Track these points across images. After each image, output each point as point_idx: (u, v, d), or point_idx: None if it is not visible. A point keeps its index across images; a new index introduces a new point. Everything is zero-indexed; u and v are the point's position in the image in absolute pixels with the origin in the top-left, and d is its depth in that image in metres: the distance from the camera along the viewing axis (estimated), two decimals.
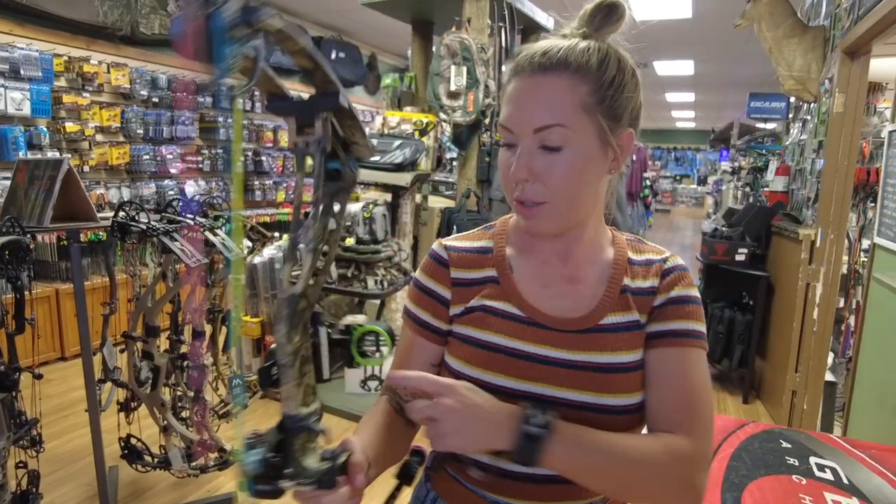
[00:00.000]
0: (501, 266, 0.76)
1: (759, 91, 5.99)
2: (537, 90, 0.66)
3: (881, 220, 1.99)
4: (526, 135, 0.66)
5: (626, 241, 0.79)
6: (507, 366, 0.70)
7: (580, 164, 0.66)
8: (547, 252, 0.75)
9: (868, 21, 2.28)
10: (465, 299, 0.75)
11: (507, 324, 0.72)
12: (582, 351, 0.70)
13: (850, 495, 1.20)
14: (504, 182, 0.70)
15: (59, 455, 2.58)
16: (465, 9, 3.33)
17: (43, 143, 3.75)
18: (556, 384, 0.69)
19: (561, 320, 0.71)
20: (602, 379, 0.69)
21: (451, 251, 0.79)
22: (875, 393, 2.00)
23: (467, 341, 0.73)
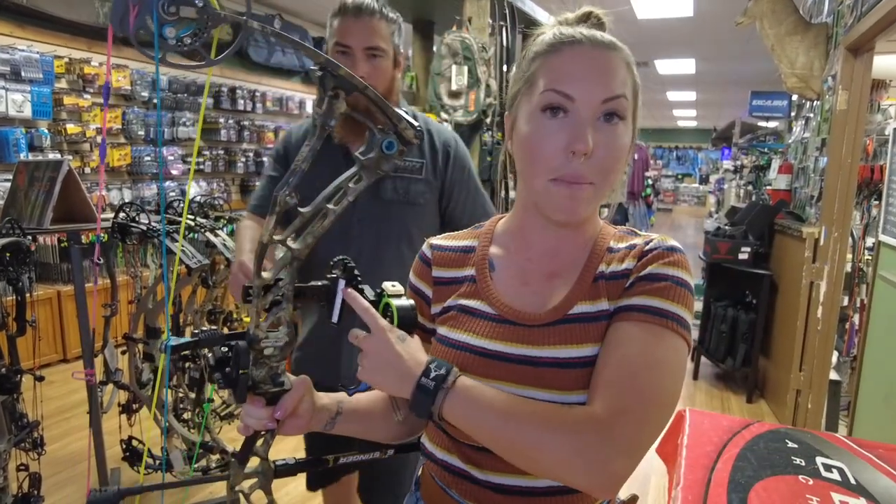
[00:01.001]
0: (481, 265, 0.75)
1: (760, 89, 5.97)
2: (606, 61, 0.64)
3: (886, 217, 1.97)
4: (591, 104, 0.63)
5: (614, 231, 0.75)
6: (477, 365, 0.69)
7: (626, 141, 0.65)
8: (536, 250, 0.73)
9: (871, 18, 2.27)
10: (444, 298, 0.77)
11: (478, 322, 0.72)
12: (547, 346, 0.66)
13: (857, 496, 1.19)
14: (540, 157, 0.64)
15: (61, 457, 2.58)
16: (466, 8, 3.32)
17: (44, 144, 3.75)
18: (520, 382, 0.66)
19: (531, 315, 0.69)
20: (564, 375, 0.65)
21: (435, 250, 0.80)
22: (881, 391, 1.99)
23: (442, 341, 0.74)
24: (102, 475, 2.06)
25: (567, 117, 0.63)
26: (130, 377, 2.16)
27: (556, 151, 0.63)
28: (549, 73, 0.65)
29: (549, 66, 0.65)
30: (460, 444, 0.71)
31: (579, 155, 0.61)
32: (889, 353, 1.93)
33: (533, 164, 0.65)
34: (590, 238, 0.73)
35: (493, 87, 3.30)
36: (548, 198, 0.65)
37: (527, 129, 0.65)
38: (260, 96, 5.47)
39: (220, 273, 2.21)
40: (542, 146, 0.64)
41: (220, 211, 2.48)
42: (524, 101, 0.67)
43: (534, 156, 0.65)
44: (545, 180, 0.64)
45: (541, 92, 0.64)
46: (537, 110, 0.64)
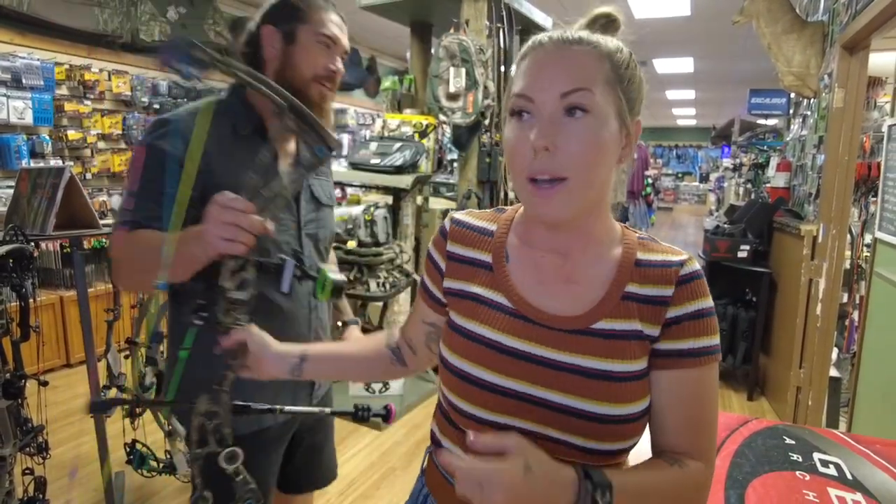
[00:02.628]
0: (498, 253, 0.75)
1: (759, 87, 5.97)
2: (563, 57, 0.65)
3: (882, 214, 1.98)
4: (550, 101, 0.64)
5: (636, 239, 0.73)
6: (493, 360, 0.69)
7: (603, 135, 0.64)
8: (548, 246, 0.72)
9: (866, 15, 2.28)
10: (457, 276, 0.77)
11: (495, 315, 0.71)
12: (570, 352, 0.67)
13: (853, 490, 1.20)
14: (514, 159, 0.66)
15: (66, 461, 2.59)
16: (464, 10, 3.34)
17: (45, 151, 3.77)
18: (539, 384, 0.67)
19: (550, 317, 0.69)
20: (586, 384, 0.66)
21: (455, 224, 0.80)
22: (879, 388, 1.99)
23: (458, 331, 0.74)
24: (107, 479, 2.07)
25: (531, 117, 0.65)
26: (133, 381, 2.17)
27: (524, 151, 0.64)
28: (517, 78, 0.68)
29: (518, 72, 0.68)
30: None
31: (539, 150, 0.63)
32: (887, 349, 1.94)
33: (511, 167, 0.68)
34: (605, 244, 0.72)
35: (491, 89, 3.31)
36: (525, 197, 0.67)
37: (504, 135, 0.69)
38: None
39: None
40: (513, 148, 0.66)
41: None
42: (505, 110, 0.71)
43: (510, 158, 0.68)
44: (522, 179, 0.66)
45: (510, 99, 0.68)
46: (508, 117, 0.68)
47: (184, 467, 2.12)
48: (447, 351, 0.74)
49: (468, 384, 0.70)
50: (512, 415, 0.67)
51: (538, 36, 0.69)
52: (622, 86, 0.66)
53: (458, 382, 0.71)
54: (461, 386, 0.71)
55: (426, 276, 0.83)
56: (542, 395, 0.67)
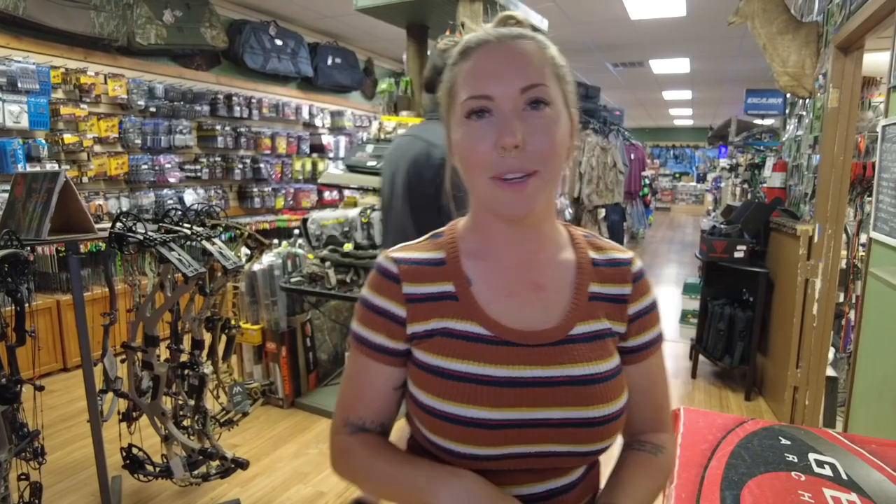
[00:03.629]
0: (459, 279, 0.69)
1: (755, 87, 5.98)
2: (516, 53, 0.64)
3: (877, 214, 1.99)
4: (510, 97, 0.62)
5: (584, 238, 0.76)
6: (485, 396, 0.64)
7: (561, 127, 0.65)
8: (508, 256, 0.70)
9: (860, 16, 2.29)
10: (423, 317, 0.69)
11: (472, 347, 0.66)
12: (556, 365, 0.67)
13: (849, 490, 1.20)
14: (476, 160, 0.64)
15: (62, 466, 2.59)
16: (460, 12, 3.34)
17: (41, 155, 3.77)
18: (534, 405, 0.65)
19: (530, 334, 0.67)
20: (580, 392, 0.66)
21: (401, 264, 0.71)
22: (875, 387, 2.00)
23: (431, 371, 0.67)
24: (103, 483, 2.07)
25: (492, 116, 0.63)
26: (129, 385, 2.17)
27: (488, 151, 0.63)
28: (465, 80, 0.65)
29: (464, 73, 0.65)
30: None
31: (509, 148, 0.61)
32: (882, 348, 1.94)
33: (471, 168, 0.65)
34: (559, 245, 0.74)
35: None
36: (493, 196, 0.64)
37: (458, 138, 0.66)
38: (256, 103, 5.49)
39: (218, 280, 2.22)
40: (474, 149, 0.64)
41: (217, 219, 2.49)
42: (451, 113, 0.67)
43: (469, 160, 0.65)
44: (486, 179, 0.64)
45: (462, 101, 0.65)
46: (463, 119, 0.65)
47: (180, 471, 2.12)
48: (425, 395, 0.67)
49: (459, 426, 0.64)
50: (512, 444, 0.65)
51: (474, 35, 0.67)
52: (562, 80, 0.67)
53: (446, 425, 0.65)
54: (450, 428, 0.65)
55: (374, 334, 0.70)
56: (541, 416, 0.65)
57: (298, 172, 6.09)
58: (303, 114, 6.12)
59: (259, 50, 5.33)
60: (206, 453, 2.13)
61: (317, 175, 6.24)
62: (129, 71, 4.40)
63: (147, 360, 2.07)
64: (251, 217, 5.51)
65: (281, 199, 5.87)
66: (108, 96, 4.23)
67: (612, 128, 8.19)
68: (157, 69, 4.63)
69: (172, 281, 2.09)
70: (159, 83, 4.60)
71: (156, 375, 2.06)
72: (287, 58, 5.63)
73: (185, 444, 2.14)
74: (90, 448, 2.09)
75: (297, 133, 6.04)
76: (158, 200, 4.63)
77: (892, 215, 1.82)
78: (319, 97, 6.34)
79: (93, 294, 3.78)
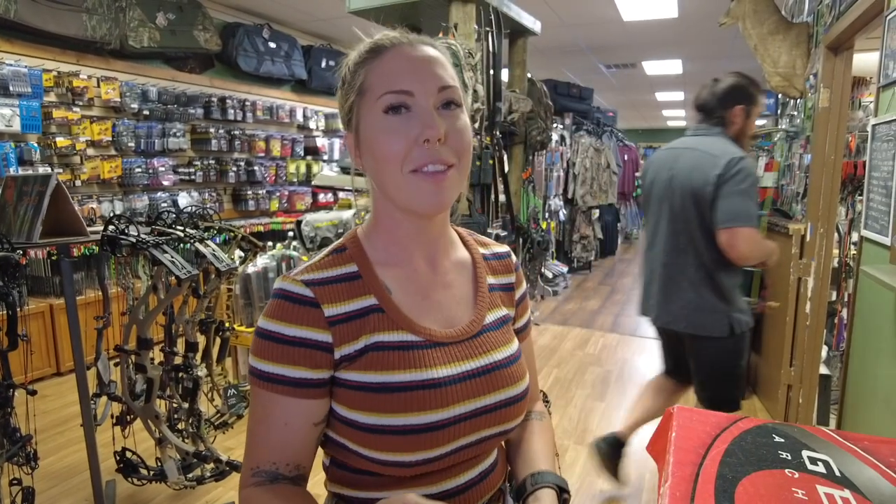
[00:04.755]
0: (379, 291, 0.69)
1: None
2: (432, 55, 0.67)
3: (868, 213, 2.00)
4: (429, 94, 0.65)
5: (468, 236, 0.83)
6: (429, 400, 0.65)
7: (469, 128, 0.69)
8: (416, 260, 0.72)
9: (849, 17, 2.31)
10: (352, 337, 0.66)
11: (409, 356, 0.67)
12: (482, 355, 0.72)
13: (842, 487, 1.20)
14: (395, 153, 0.64)
15: (55, 471, 2.57)
16: (452, 14, 3.35)
17: (34, 158, 3.75)
18: (474, 396, 0.69)
19: (456, 332, 0.71)
20: (503, 375, 0.72)
21: (315, 286, 0.66)
22: (867, 385, 2.01)
23: (370, 388, 0.65)
24: (97, 487, 2.05)
25: (411, 112, 0.64)
26: (123, 389, 2.16)
27: (409, 145, 0.64)
28: (381, 76, 0.66)
29: (379, 70, 0.66)
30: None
31: (433, 141, 0.63)
32: (874, 346, 1.95)
33: (388, 164, 0.65)
34: (454, 244, 0.79)
35: (481, 93, 3.32)
36: (412, 190, 0.65)
37: (374, 135, 0.65)
38: (250, 105, 5.48)
39: (211, 283, 2.21)
40: (392, 143, 0.64)
41: (211, 221, 2.48)
42: (363, 111, 0.67)
43: (387, 155, 0.64)
44: (405, 173, 0.64)
45: (378, 97, 0.65)
46: (379, 114, 0.65)
47: (174, 475, 2.11)
48: (365, 415, 0.65)
49: (410, 435, 0.64)
50: (458, 438, 0.67)
51: (386, 35, 0.69)
52: (463, 86, 0.76)
53: (394, 439, 0.64)
54: (399, 440, 0.64)
55: (291, 368, 0.64)
56: (481, 404, 0.69)
57: (293, 175, 6.09)
58: (297, 116, 6.12)
59: (253, 53, 5.33)
60: (201, 456, 2.12)
61: (311, 177, 6.23)
62: (122, 74, 4.39)
63: (141, 363, 2.07)
64: (245, 219, 5.50)
65: (275, 202, 5.86)
66: (101, 99, 4.21)
67: (606, 129, 8.23)
68: (150, 72, 4.62)
69: (166, 283, 2.09)
70: (153, 86, 4.59)
71: (150, 378, 2.05)
72: (281, 60, 5.63)
73: (179, 447, 2.14)
74: (84, 452, 2.07)
75: (291, 135, 6.04)
76: (152, 203, 4.62)
77: (883, 213, 1.83)
78: (313, 99, 6.34)
79: (86, 298, 3.77)
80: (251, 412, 0.68)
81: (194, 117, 4.96)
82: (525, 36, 4.35)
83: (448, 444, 0.67)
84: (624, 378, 3.87)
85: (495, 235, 3.55)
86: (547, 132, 4.61)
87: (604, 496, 2.46)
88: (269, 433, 0.66)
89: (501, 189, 4.09)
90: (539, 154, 5.67)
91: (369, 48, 0.68)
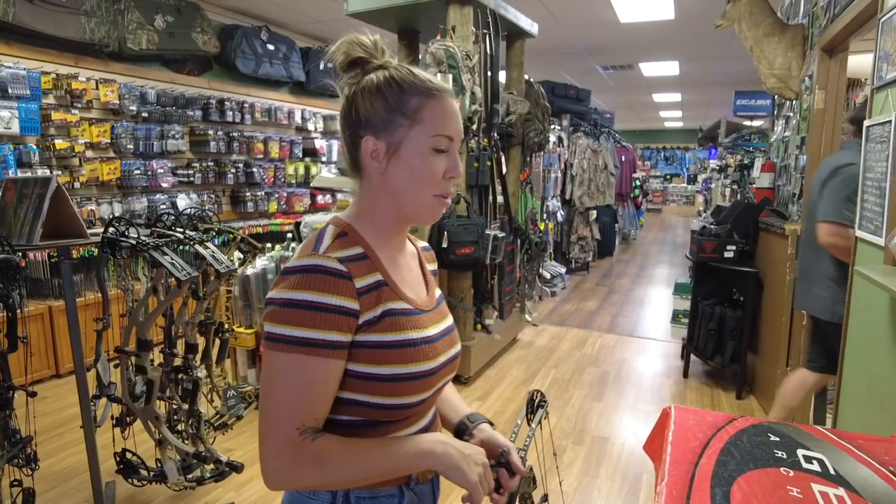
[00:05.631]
0: (382, 269, 0.84)
1: (744, 89, 6.05)
2: (458, 110, 0.86)
3: (862, 213, 2.02)
4: (458, 142, 0.85)
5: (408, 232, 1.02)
6: (429, 352, 0.85)
7: None
8: (394, 248, 0.90)
9: (843, 19, 2.33)
10: (372, 305, 0.80)
11: (412, 319, 0.85)
12: (443, 320, 0.93)
13: (836, 485, 1.22)
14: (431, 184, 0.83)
15: (55, 472, 2.58)
16: (450, 17, 3.36)
17: (33, 160, 3.75)
18: (448, 349, 0.90)
19: (425, 303, 0.91)
20: (455, 335, 0.95)
21: (346, 262, 0.77)
22: (862, 384, 2.02)
23: (390, 346, 0.80)
24: (97, 489, 2.06)
25: (447, 153, 0.84)
26: (123, 390, 2.17)
27: (440, 177, 0.83)
28: (438, 117, 0.82)
29: (436, 110, 0.82)
30: None
31: (456, 178, 0.85)
32: (868, 346, 1.97)
33: (424, 188, 0.83)
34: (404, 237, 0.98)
35: (478, 95, 3.34)
36: (430, 209, 0.85)
37: (420, 162, 0.82)
38: (248, 107, 5.49)
39: (211, 284, 2.22)
40: (434, 175, 0.83)
41: (210, 223, 2.49)
42: (412, 136, 0.81)
43: (426, 181, 0.82)
44: (431, 197, 0.84)
45: (432, 134, 0.81)
46: (428, 148, 0.82)
47: (174, 475, 2.11)
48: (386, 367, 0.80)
49: (418, 380, 0.82)
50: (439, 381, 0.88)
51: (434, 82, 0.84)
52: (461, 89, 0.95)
53: (407, 384, 0.81)
54: (410, 385, 0.82)
55: (328, 333, 0.74)
56: (449, 356, 0.90)
57: (291, 176, 6.09)
58: (295, 118, 6.13)
59: (251, 55, 5.34)
60: (201, 457, 2.13)
61: (310, 179, 6.24)
62: (121, 76, 4.39)
63: (140, 365, 2.07)
64: (244, 221, 5.50)
65: (274, 203, 5.86)
66: (100, 102, 4.21)
67: (603, 130, 8.25)
68: (148, 74, 4.63)
69: (166, 285, 2.09)
70: (151, 88, 4.59)
71: (149, 380, 2.06)
72: (279, 62, 5.64)
73: (179, 448, 2.14)
74: (83, 454, 2.08)
75: (289, 137, 6.05)
76: (151, 205, 4.62)
77: (877, 214, 1.85)
78: (312, 101, 6.35)
79: (85, 300, 3.77)
80: (278, 379, 0.74)
81: (193, 119, 4.96)
82: (522, 38, 4.37)
83: (434, 387, 0.87)
84: (622, 378, 3.89)
85: (493, 236, 3.56)
86: (544, 133, 4.62)
87: (601, 495, 2.48)
88: (311, 394, 0.75)
89: (499, 190, 4.10)
90: (537, 155, 5.68)
91: (428, 87, 0.82)
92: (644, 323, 5.33)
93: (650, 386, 3.76)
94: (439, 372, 0.87)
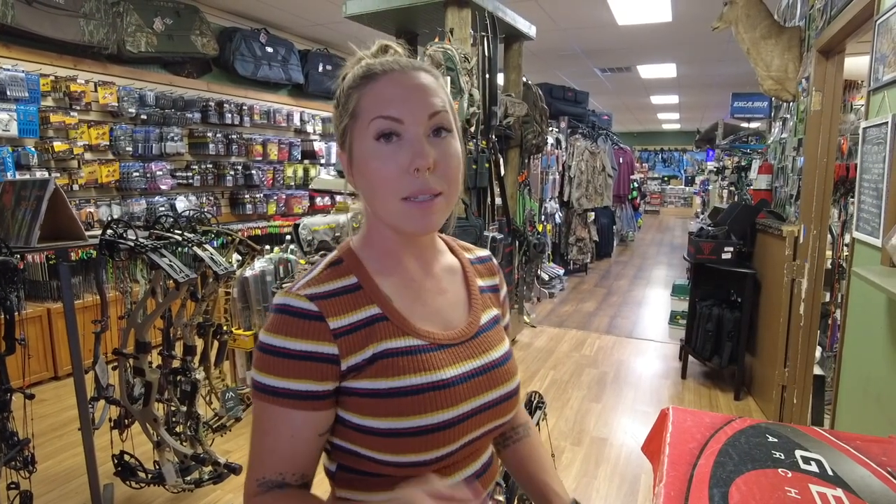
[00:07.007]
0: (381, 300, 0.71)
1: (741, 91, 6.07)
2: (421, 83, 0.68)
3: (859, 214, 2.02)
4: (419, 122, 0.66)
5: (453, 242, 0.86)
6: (441, 399, 0.68)
7: (460, 151, 0.70)
8: (411, 269, 0.75)
9: (840, 21, 2.34)
10: (358, 347, 0.67)
11: (418, 359, 0.69)
12: (482, 354, 0.75)
13: (834, 486, 1.22)
14: (386, 182, 0.66)
15: (53, 475, 2.57)
16: (448, 19, 3.37)
17: (31, 163, 3.75)
18: (479, 393, 0.72)
19: (458, 334, 0.74)
20: (501, 372, 0.76)
21: (318, 300, 0.67)
22: (860, 385, 2.03)
23: (382, 394, 0.66)
24: (95, 491, 2.06)
25: (401, 139, 0.66)
26: (121, 392, 2.16)
27: (400, 173, 0.65)
28: (372, 101, 0.67)
29: (370, 94, 0.67)
30: None
31: (423, 170, 0.65)
32: (866, 346, 1.97)
33: (381, 189, 0.67)
34: (442, 251, 0.82)
35: (476, 97, 3.35)
36: (403, 216, 0.67)
37: (365, 160, 0.67)
38: (247, 110, 5.49)
39: (209, 286, 2.22)
40: (384, 171, 0.66)
41: (208, 225, 2.49)
42: (355, 134, 0.68)
43: (379, 182, 0.66)
44: (397, 201, 0.66)
45: (369, 121, 0.66)
46: (371, 140, 0.66)
47: (172, 477, 2.11)
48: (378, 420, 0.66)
49: (424, 435, 0.66)
50: (467, 434, 0.71)
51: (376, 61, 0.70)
52: (453, 109, 0.71)
53: (409, 440, 0.66)
54: (414, 441, 0.66)
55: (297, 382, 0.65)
56: (485, 400, 0.73)
57: (290, 178, 6.10)
58: (294, 120, 6.13)
59: (250, 57, 5.34)
60: (199, 459, 2.13)
61: (308, 181, 6.24)
62: (120, 79, 4.39)
63: (139, 367, 2.07)
64: (243, 223, 5.50)
65: (273, 205, 5.87)
66: (99, 104, 4.21)
67: (601, 132, 8.27)
68: (147, 77, 4.63)
69: (164, 287, 2.09)
70: (150, 91, 4.60)
71: (148, 382, 2.06)
72: (278, 65, 5.64)
73: (177, 450, 2.14)
74: (81, 456, 2.08)
75: (288, 139, 6.05)
76: (150, 207, 4.62)
77: (874, 215, 1.86)
78: (310, 104, 6.35)
79: (83, 302, 3.77)
80: (255, 424, 0.68)
81: (192, 121, 4.97)
82: (520, 40, 4.38)
83: (458, 441, 0.69)
84: (620, 379, 3.89)
85: (492, 238, 3.56)
86: (542, 135, 4.64)
87: (599, 496, 2.48)
88: (275, 445, 0.66)
89: (498, 192, 4.11)
90: (535, 157, 5.69)
91: (363, 73, 0.69)
92: (642, 324, 5.34)
93: (648, 387, 3.77)
94: (466, 421, 0.69)
